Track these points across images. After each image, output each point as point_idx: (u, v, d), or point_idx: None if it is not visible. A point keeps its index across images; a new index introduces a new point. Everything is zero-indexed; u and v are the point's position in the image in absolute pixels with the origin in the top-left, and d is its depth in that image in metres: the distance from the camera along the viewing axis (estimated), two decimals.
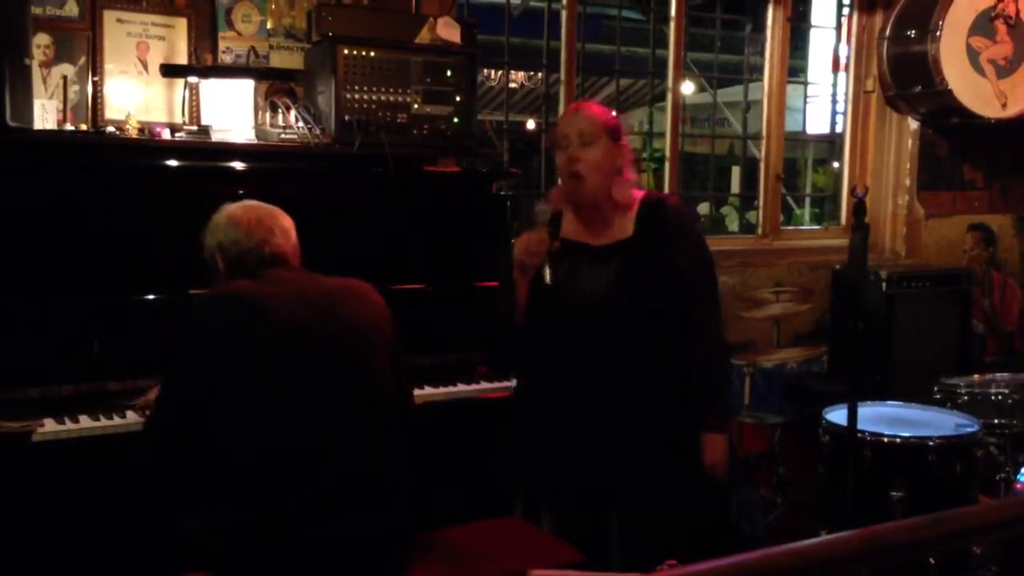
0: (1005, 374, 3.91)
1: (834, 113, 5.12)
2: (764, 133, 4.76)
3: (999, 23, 4.51)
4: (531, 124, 7.62)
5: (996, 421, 3.52)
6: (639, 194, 2.55)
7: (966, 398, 3.60)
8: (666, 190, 4.40)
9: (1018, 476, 3.35)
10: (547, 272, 2.36)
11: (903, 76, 4.65)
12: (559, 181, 2.58)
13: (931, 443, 3.11)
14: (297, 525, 2.07)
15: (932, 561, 3.00)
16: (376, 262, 2.97)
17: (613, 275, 2.47)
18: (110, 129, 2.91)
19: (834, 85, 5.06)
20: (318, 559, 2.07)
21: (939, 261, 4.94)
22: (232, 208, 2.31)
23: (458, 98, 3.18)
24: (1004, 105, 4.55)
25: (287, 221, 2.32)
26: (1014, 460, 3.43)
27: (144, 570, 2.41)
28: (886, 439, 3.14)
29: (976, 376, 3.84)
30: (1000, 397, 3.57)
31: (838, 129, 5.10)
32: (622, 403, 2.48)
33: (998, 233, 5.14)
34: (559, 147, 2.49)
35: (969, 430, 3.23)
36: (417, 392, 2.88)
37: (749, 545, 3.57)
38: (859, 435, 3.05)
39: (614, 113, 2.58)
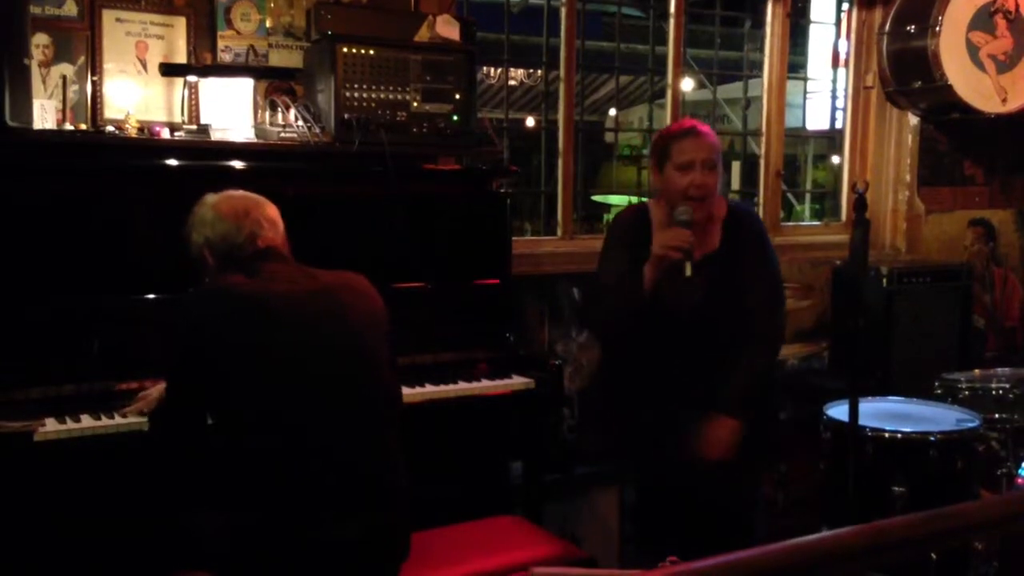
0: (1006, 369, 3.90)
1: (834, 109, 5.12)
2: (764, 129, 4.76)
3: (999, 18, 4.50)
4: (531, 122, 7.61)
5: (997, 416, 3.51)
6: (723, 204, 2.81)
7: (967, 393, 3.60)
8: None
9: (1019, 471, 3.35)
10: (688, 266, 2.54)
11: (903, 71, 4.65)
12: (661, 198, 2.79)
13: (932, 438, 3.11)
14: (296, 525, 2.07)
15: (933, 556, 3.00)
16: (376, 261, 2.98)
17: (702, 291, 2.65)
18: (109, 129, 2.91)
19: (834, 81, 5.06)
20: (317, 559, 2.07)
21: (940, 257, 4.93)
22: (215, 200, 2.29)
23: (458, 96, 3.17)
24: (1004, 100, 4.54)
25: (273, 210, 2.31)
26: (1015, 455, 3.43)
27: (145, 569, 2.41)
28: (887, 434, 3.14)
29: (977, 371, 3.84)
30: (1001, 392, 3.56)
31: (838, 125, 5.10)
32: (707, 407, 2.66)
33: (999, 228, 5.13)
34: (680, 167, 2.66)
35: (970, 425, 3.23)
36: (418, 390, 2.88)
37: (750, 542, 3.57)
38: (860, 431, 3.05)
39: None
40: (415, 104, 3.11)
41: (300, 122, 3.00)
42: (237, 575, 2.12)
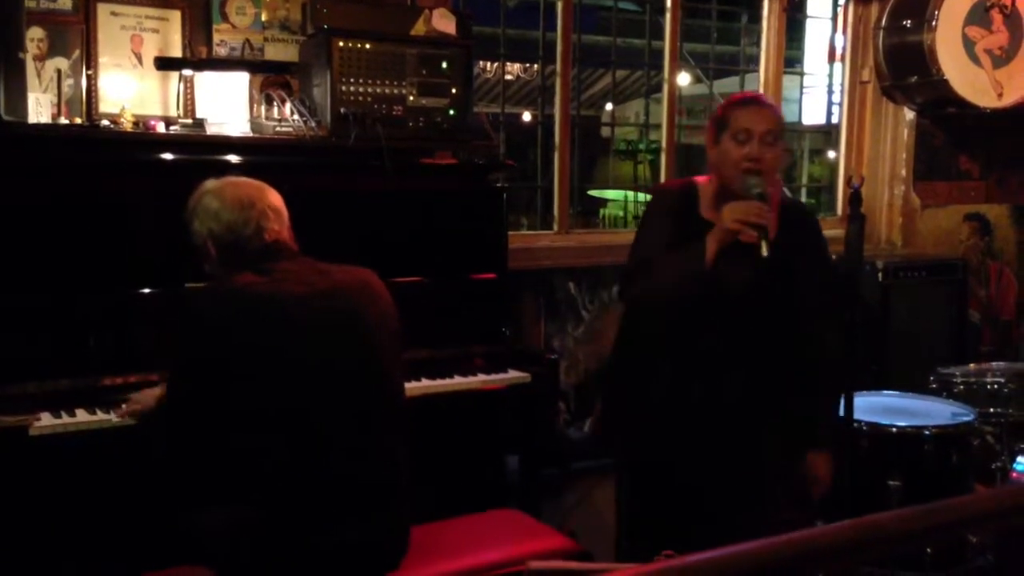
0: (1001, 363, 3.92)
1: (830, 104, 5.12)
2: None
3: (995, 12, 4.50)
4: (527, 116, 7.61)
5: (992, 410, 3.53)
6: (780, 188, 2.62)
7: (962, 387, 3.61)
8: (663, 181, 4.40)
9: (1014, 465, 3.36)
10: (764, 244, 2.31)
11: (899, 66, 4.65)
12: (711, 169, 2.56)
13: (927, 432, 3.12)
14: (299, 522, 2.07)
15: (928, 550, 3.01)
16: (373, 255, 2.96)
17: (759, 272, 2.45)
18: (105, 123, 2.90)
19: (830, 76, 5.05)
20: (317, 556, 2.07)
21: (935, 251, 4.94)
22: (218, 188, 2.23)
23: (454, 90, 3.17)
24: (1000, 95, 4.54)
25: (276, 197, 2.26)
26: (1010, 449, 3.44)
27: (141, 563, 2.41)
28: (883, 428, 3.15)
29: (972, 365, 3.85)
30: (996, 386, 3.57)
31: (834, 120, 5.10)
32: (746, 396, 2.52)
33: (994, 223, 5.14)
34: (736, 137, 2.45)
35: (965, 419, 3.24)
36: (415, 384, 2.88)
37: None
38: (856, 425, 3.06)
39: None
40: (411, 98, 3.11)
41: (296, 116, 3.00)
42: (236, 571, 2.13)
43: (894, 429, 3.15)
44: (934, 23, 4.37)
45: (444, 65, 3.15)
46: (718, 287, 2.46)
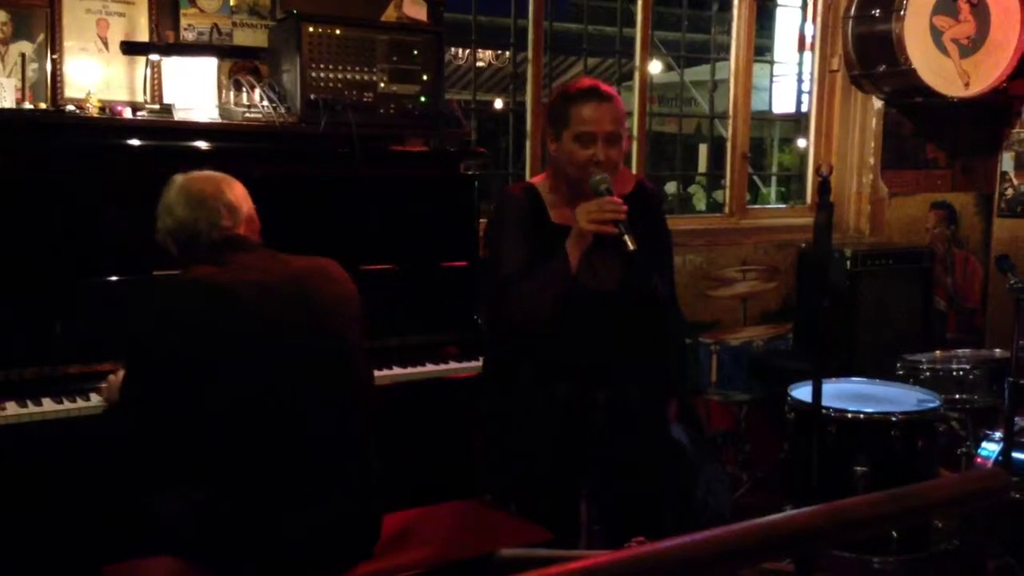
0: (966, 350, 3.98)
1: (800, 92, 5.15)
2: (731, 112, 4.78)
3: (962, 2, 4.54)
4: (499, 103, 7.58)
5: (957, 397, 3.57)
6: (630, 179, 2.61)
7: (928, 374, 3.66)
8: (634, 169, 4.41)
9: (978, 450, 3.41)
10: (629, 239, 2.24)
11: (868, 55, 4.68)
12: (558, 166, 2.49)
13: (894, 419, 3.16)
14: (266, 509, 2.06)
15: (894, 534, 3.05)
16: (343, 243, 2.96)
17: (622, 265, 2.43)
18: (70, 108, 2.86)
19: (800, 64, 5.08)
20: (287, 542, 2.07)
21: (902, 239, 4.99)
22: (179, 184, 2.24)
23: (425, 77, 3.15)
24: (967, 84, 4.59)
25: (234, 195, 2.24)
26: (975, 435, 3.49)
27: (110, 553, 2.39)
28: (850, 415, 3.19)
29: (938, 352, 3.90)
30: (961, 373, 3.62)
31: (804, 108, 5.13)
32: (618, 386, 2.52)
33: (960, 211, 5.20)
34: (579, 138, 2.38)
35: (931, 406, 3.28)
36: (386, 372, 2.87)
37: (715, 521, 3.61)
38: (824, 411, 3.09)
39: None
40: (382, 85, 3.09)
41: (265, 102, 2.96)
42: (202, 559, 2.11)
43: (861, 415, 3.18)
44: (902, 12, 4.40)
45: (415, 52, 3.13)
46: (593, 289, 2.41)
